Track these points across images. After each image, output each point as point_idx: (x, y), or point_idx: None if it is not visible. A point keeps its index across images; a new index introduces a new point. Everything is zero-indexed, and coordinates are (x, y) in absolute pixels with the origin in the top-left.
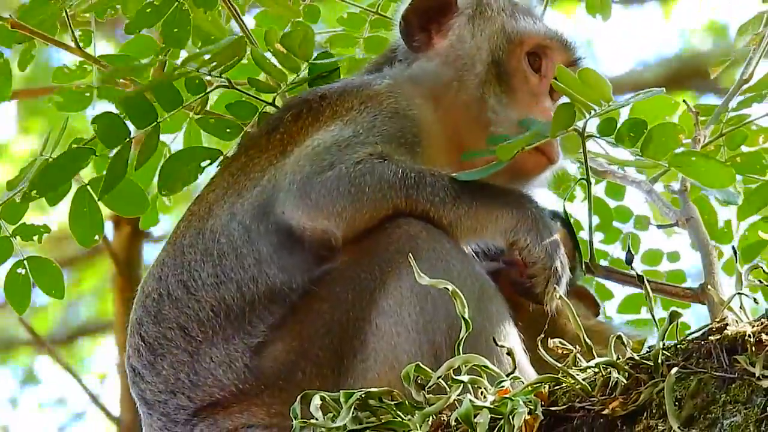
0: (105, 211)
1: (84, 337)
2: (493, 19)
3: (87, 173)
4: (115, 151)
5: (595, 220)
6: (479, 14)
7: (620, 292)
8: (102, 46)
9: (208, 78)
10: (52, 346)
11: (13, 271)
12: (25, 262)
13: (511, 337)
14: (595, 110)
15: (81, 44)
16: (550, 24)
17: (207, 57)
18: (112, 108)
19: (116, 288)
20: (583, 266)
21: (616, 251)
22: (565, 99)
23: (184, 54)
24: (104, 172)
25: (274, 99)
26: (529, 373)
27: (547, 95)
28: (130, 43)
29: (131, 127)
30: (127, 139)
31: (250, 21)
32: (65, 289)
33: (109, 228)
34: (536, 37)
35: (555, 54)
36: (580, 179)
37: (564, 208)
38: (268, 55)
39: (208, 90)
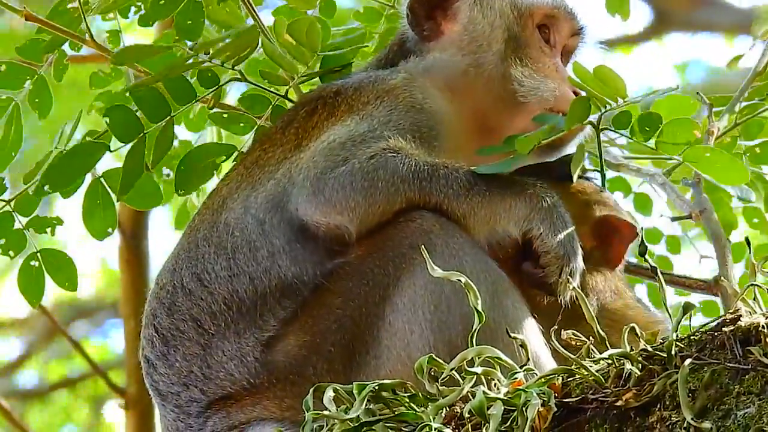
0: None
1: None
2: None
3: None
4: (129, 146)
5: None
6: None
7: None
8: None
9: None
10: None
11: (27, 263)
12: (39, 254)
13: (528, 330)
14: (610, 105)
15: (110, 45)
16: None
17: (219, 46)
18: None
19: (122, 259)
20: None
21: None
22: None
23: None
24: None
25: (286, 92)
26: (548, 365)
27: (561, 64)
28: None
29: None
30: (142, 134)
31: (267, 16)
32: (78, 282)
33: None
34: (544, 8)
35: (562, 24)
36: (594, 170)
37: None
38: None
39: (222, 83)
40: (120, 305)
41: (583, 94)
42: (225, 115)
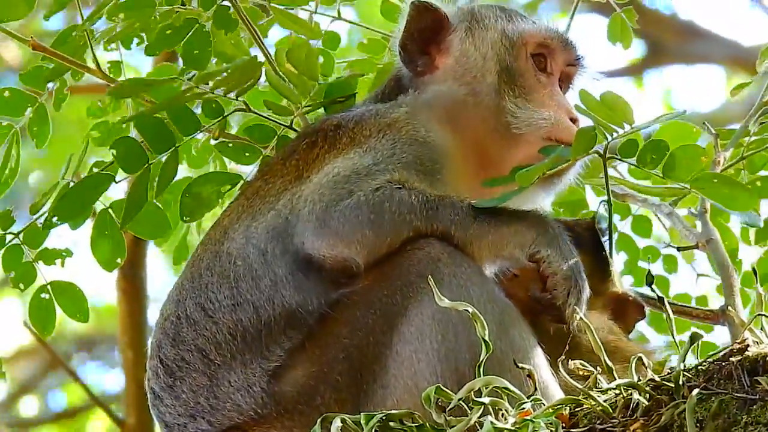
0: None
1: None
2: (491, 27)
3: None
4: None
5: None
6: (476, 25)
7: None
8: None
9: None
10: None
11: (37, 296)
12: (49, 287)
13: (535, 360)
14: (617, 132)
15: (112, 75)
16: (548, 23)
17: (219, 78)
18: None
19: (119, 289)
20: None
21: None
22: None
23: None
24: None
25: (291, 122)
26: (556, 395)
27: (559, 92)
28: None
29: None
30: (147, 165)
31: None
32: (89, 313)
33: None
34: (538, 37)
35: (557, 53)
36: (602, 201)
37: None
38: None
39: (226, 114)
40: (119, 335)
41: (581, 121)
42: (230, 145)
